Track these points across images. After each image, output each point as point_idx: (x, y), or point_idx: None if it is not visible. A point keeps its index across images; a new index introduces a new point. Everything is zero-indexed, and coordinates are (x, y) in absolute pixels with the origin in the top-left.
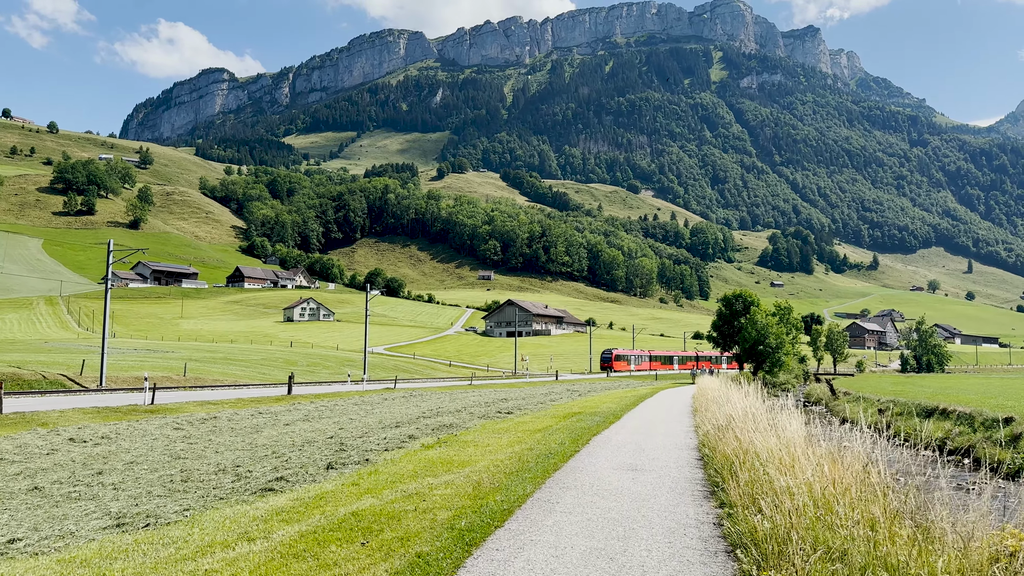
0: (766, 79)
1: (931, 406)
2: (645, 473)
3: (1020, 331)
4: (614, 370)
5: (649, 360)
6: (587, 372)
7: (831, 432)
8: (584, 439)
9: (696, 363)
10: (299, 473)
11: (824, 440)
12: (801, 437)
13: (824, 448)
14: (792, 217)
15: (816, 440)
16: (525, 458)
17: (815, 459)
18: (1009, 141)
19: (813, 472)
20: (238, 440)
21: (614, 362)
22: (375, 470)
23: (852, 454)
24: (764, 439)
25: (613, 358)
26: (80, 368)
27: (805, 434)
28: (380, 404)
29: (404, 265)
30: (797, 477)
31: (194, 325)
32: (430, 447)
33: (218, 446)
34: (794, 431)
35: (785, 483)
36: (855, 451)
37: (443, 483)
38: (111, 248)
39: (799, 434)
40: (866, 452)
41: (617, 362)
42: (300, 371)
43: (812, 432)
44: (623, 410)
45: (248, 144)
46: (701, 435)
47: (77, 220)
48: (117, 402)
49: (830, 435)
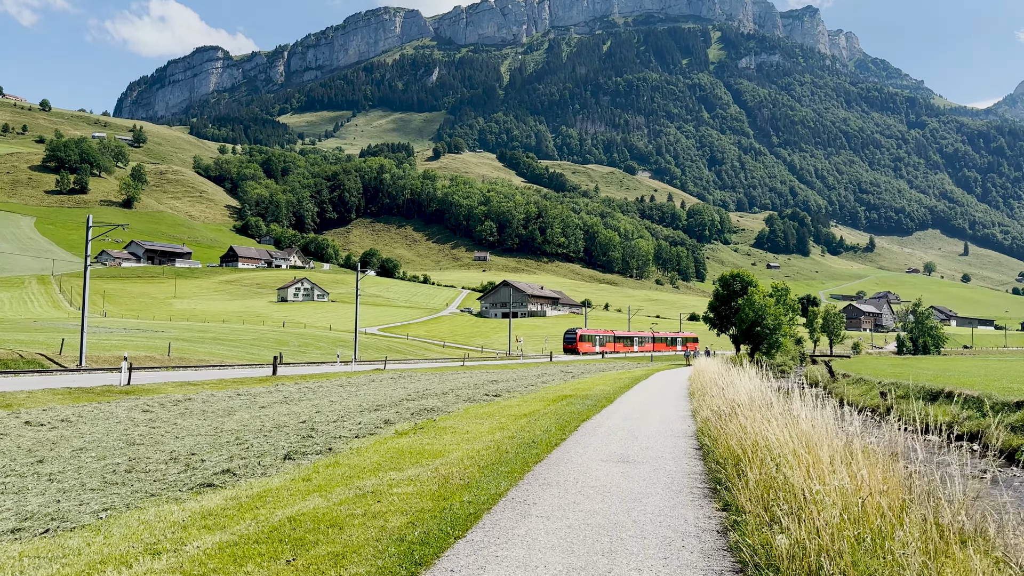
0: (764, 60)
1: (936, 389)
2: (637, 466)
3: (1015, 313)
4: (579, 352)
5: (613, 341)
6: (675, 352)
7: (852, 423)
8: (572, 425)
9: (664, 343)
10: (251, 464)
11: (841, 430)
12: (827, 430)
13: (855, 444)
14: (789, 199)
15: (840, 432)
16: (505, 448)
17: (846, 457)
18: (1007, 123)
19: (848, 478)
20: (205, 424)
21: (579, 343)
22: (335, 461)
23: (884, 451)
24: (778, 431)
25: (578, 339)
26: (59, 347)
27: (832, 426)
28: (366, 386)
29: (399, 246)
30: (826, 482)
31: (187, 305)
32: (404, 434)
33: (181, 431)
34: (819, 422)
35: (807, 487)
36: (889, 448)
37: (407, 479)
38: (90, 224)
39: (825, 426)
40: (903, 448)
41: (583, 343)
42: (291, 351)
43: (825, 419)
44: (616, 393)
45: (243, 123)
46: (700, 421)
47: (70, 199)
48: (93, 382)
49: (849, 426)
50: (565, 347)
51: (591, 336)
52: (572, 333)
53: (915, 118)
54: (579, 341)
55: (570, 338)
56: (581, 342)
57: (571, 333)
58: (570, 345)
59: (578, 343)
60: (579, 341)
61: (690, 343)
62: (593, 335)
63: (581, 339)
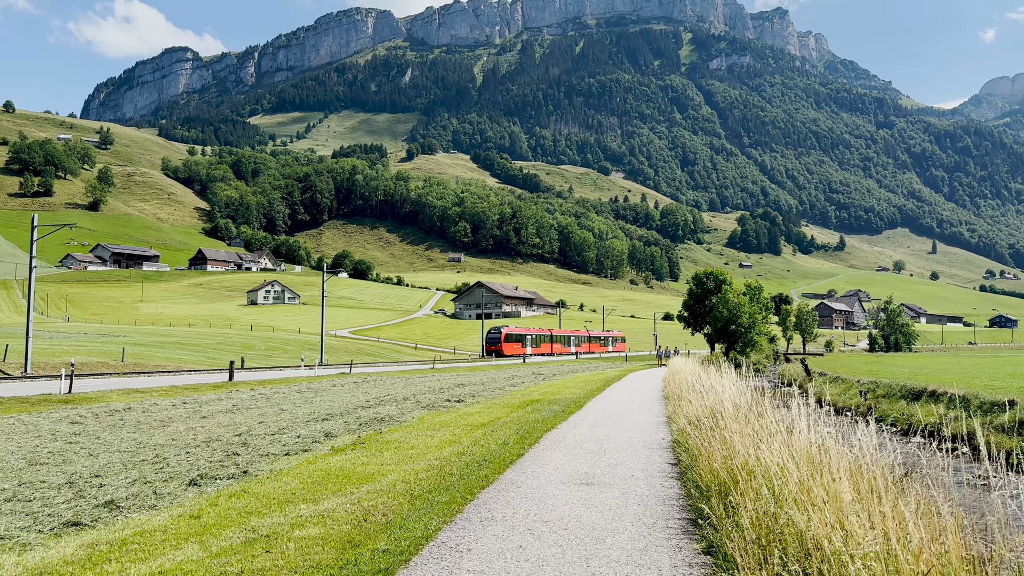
0: (735, 61)
1: (918, 388)
2: (604, 489)
3: (982, 310)
4: (503, 354)
5: (550, 340)
6: (576, 354)
7: (860, 437)
8: (535, 436)
9: (591, 343)
10: (144, 494)
11: (842, 446)
12: (839, 451)
13: (876, 472)
14: (760, 199)
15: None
16: (450, 468)
17: (873, 489)
18: (972, 123)
19: (886, 529)
20: (135, 437)
21: (503, 344)
22: (244, 489)
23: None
24: (775, 451)
25: (503, 339)
26: (3, 353)
27: (852, 452)
28: (326, 391)
29: (373, 247)
30: (852, 532)
31: (154, 309)
32: (340, 450)
33: (100, 447)
34: (825, 438)
35: (824, 537)
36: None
37: (318, 515)
38: (35, 224)
39: (836, 447)
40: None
41: (508, 343)
42: (257, 355)
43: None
44: (587, 396)
45: (212, 124)
46: (675, 431)
47: (34, 202)
48: (32, 391)
49: (858, 440)
50: (487, 348)
51: (520, 336)
52: (496, 332)
53: (883, 118)
54: (503, 342)
55: (493, 338)
56: (507, 343)
57: (494, 332)
58: (493, 346)
59: (502, 344)
60: (503, 342)
61: (619, 343)
62: (523, 335)
63: (507, 339)
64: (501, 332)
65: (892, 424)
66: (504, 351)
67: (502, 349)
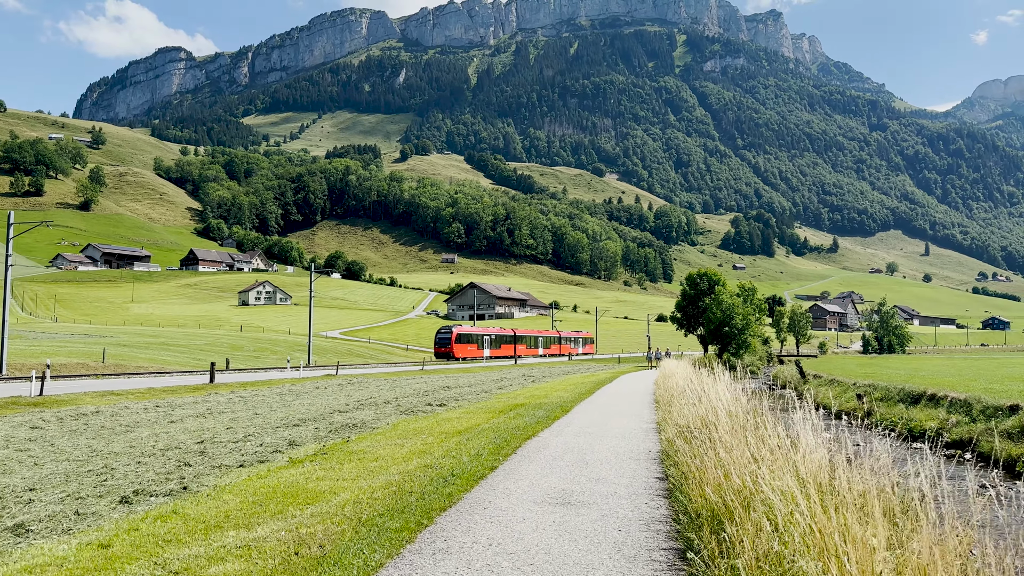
0: (729, 63)
1: (917, 391)
2: (581, 510)
3: (975, 312)
4: (455, 357)
5: (513, 341)
6: (544, 356)
7: (871, 451)
8: (513, 445)
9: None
10: (63, 514)
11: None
12: (883, 486)
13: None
14: (754, 200)
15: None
16: (410, 485)
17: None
18: (965, 126)
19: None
20: (92, 444)
21: (454, 346)
22: (175, 510)
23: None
24: (779, 477)
25: (453, 340)
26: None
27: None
28: (307, 394)
29: (366, 248)
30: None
31: (145, 309)
32: (299, 462)
33: (48, 456)
34: (836, 461)
35: None
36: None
37: (244, 545)
38: (11, 221)
39: (882, 484)
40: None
41: (461, 345)
42: (245, 356)
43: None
44: (574, 401)
45: (205, 124)
46: (665, 440)
47: (25, 201)
48: (3, 393)
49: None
50: (436, 351)
51: (476, 336)
52: (446, 332)
53: (877, 121)
54: (454, 343)
55: (442, 338)
56: (459, 344)
57: (444, 332)
58: (442, 348)
59: (453, 346)
60: (454, 343)
61: (588, 344)
62: (480, 335)
63: (459, 340)
64: (452, 332)
65: (891, 429)
66: (455, 353)
67: (453, 351)
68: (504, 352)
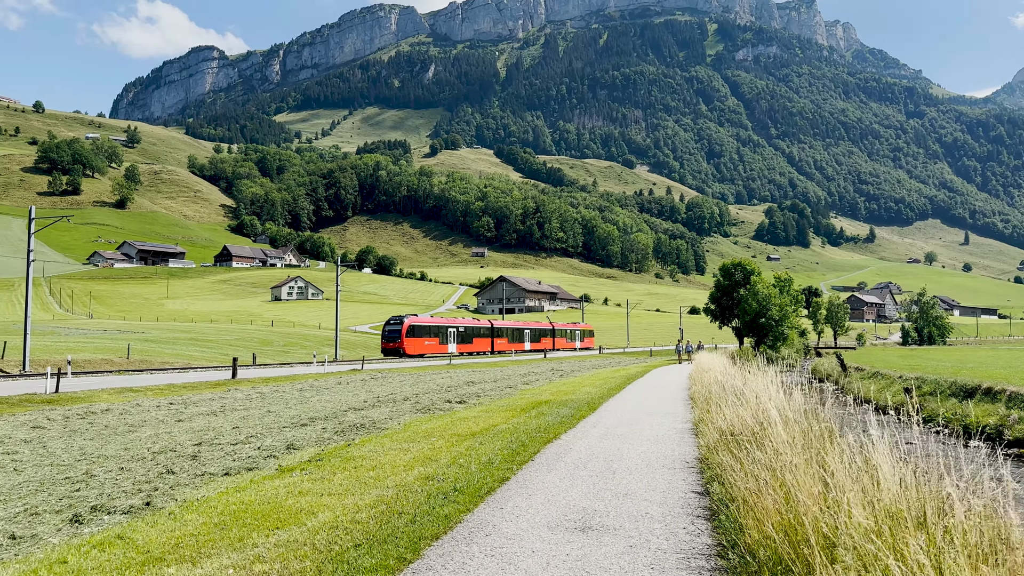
0: (762, 51)
1: (971, 385)
2: (605, 537)
3: (1017, 302)
4: (406, 354)
5: (491, 335)
6: (575, 349)
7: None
8: (531, 450)
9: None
10: (7, 532)
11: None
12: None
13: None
14: (788, 191)
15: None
16: (403, 503)
17: None
18: (1006, 112)
19: None
20: (85, 447)
21: (404, 340)
22: (122, 534)
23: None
24: (867, 503)
25: (403, 334)
26: (2, 351)
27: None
28: (329, 390)
29: (396, 243)
30: None
31: (179, 305)
32: (287, 470)
33: (33, 460)
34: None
35: None
36: None
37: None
38: (32, 216)
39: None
40: None
41: (412, 340)
42: (274, 351)
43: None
44: (602, 398)
45: (238, 122)
46: (703, 445)
47: (62, 200)
48: (20, 390)
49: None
50: (383, 347)
51: (435, 329)
52: (395, 324)
53: (914, 108)
54: (404, 337)
55: (391, 332)
56: (409, 339)
57: (393, 323)
58: (390, 343)
59: (403, 340)
60: (404, 337)
61: (588, 338)
62: (441, 327)
63: (410, 333)
64: (403, 324)
65: (944, 425)
66: (407, 350)
67: (403, 347)
68: (476, 347)
